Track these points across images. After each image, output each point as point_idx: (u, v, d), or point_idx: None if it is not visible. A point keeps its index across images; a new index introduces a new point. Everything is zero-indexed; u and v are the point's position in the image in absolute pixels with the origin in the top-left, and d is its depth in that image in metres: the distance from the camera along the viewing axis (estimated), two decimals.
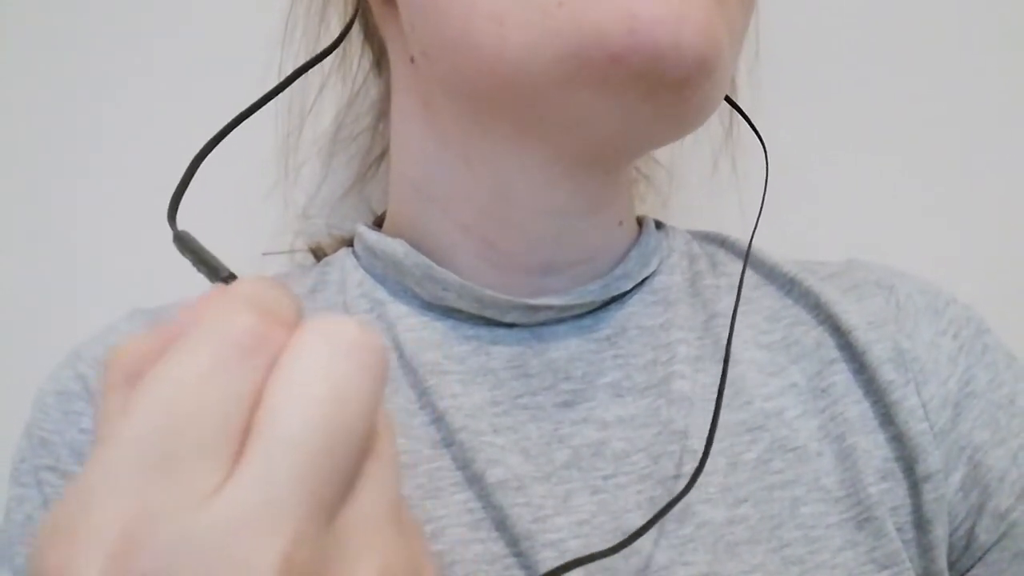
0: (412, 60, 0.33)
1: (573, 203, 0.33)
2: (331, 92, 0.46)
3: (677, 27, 0.25)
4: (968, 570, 0.33)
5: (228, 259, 0.50)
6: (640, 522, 0.30)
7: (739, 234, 0.40)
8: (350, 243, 0.40)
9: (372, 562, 0.17)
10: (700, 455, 0.31)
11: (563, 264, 0.34)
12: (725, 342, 0.34)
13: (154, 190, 0.49)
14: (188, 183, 0.23)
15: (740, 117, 0.43)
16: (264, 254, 0.47)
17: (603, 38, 0.26)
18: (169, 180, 0.50)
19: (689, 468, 0.31)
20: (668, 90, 0.27)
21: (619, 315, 0.35)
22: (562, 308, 0.34)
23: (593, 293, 0.34)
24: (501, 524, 0.30)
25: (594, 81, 0.27)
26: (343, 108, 0.47)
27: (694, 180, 0.39)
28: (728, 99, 0.40)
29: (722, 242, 0.40)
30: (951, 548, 0.33)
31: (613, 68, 0.26)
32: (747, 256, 0.36)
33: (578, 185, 0.32)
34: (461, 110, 0.31)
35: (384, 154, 0.45)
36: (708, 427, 0.32)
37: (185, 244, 0.21)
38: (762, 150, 0.39)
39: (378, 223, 0.40)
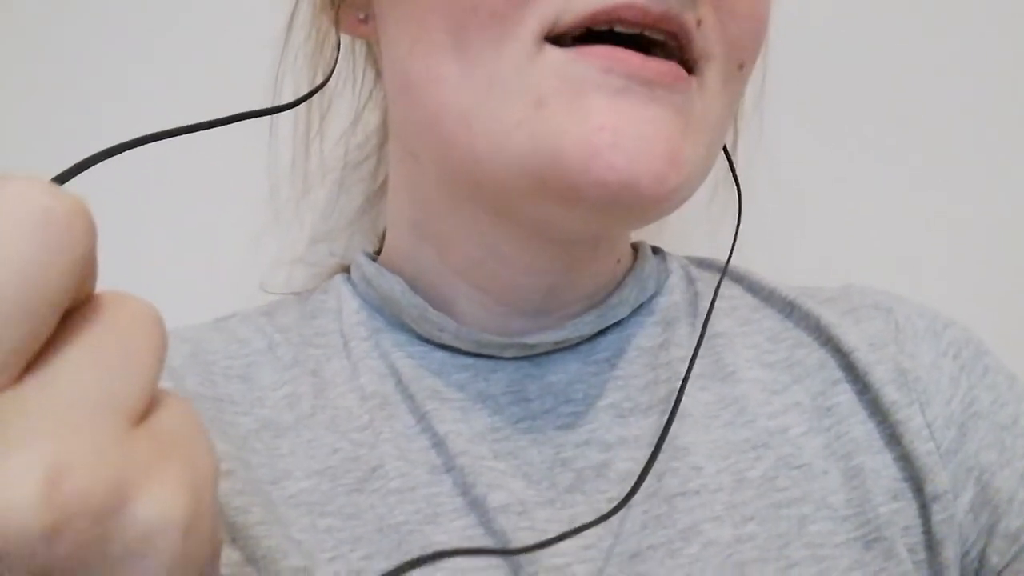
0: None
1: (562, 264, 0.33)
2: (337, 115, 0.46)
3: (633, 178, 0.25)
4: None
5: (231, 282, 0.47)
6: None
7: (737, 254, 0.40)
8: (344, 268, 0.39)
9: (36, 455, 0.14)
10: (703, 471, 0.31)
11: (557, 307, 0.34)
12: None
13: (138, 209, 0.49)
14: (84, 168, 0.20)
15: (737, 135, 0.44)
16: (263, 289, 0.46)
17: (560, 168, 0.26)
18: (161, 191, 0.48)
19: (694, 485, 0.31)
20: (628, 214, 0.28)
21: (618, 337, 0.35)
22: (559, 342, 0.34)
23: (589, 325, 0.34)
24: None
25: (555, 200, 0.27)
26: (348, 128, 0.46)
27: (692, 201, 0.39)
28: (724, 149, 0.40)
29: (719, 268, 0.40)
30: (963, 570, 0.32)
31: (571, 193, 0.26)
32: (722, 276, 0.36)
33: (565, 254, 0.33)
34: (442, 184, 0.32)
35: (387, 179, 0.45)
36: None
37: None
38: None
39: (377, 249, 0.40)
